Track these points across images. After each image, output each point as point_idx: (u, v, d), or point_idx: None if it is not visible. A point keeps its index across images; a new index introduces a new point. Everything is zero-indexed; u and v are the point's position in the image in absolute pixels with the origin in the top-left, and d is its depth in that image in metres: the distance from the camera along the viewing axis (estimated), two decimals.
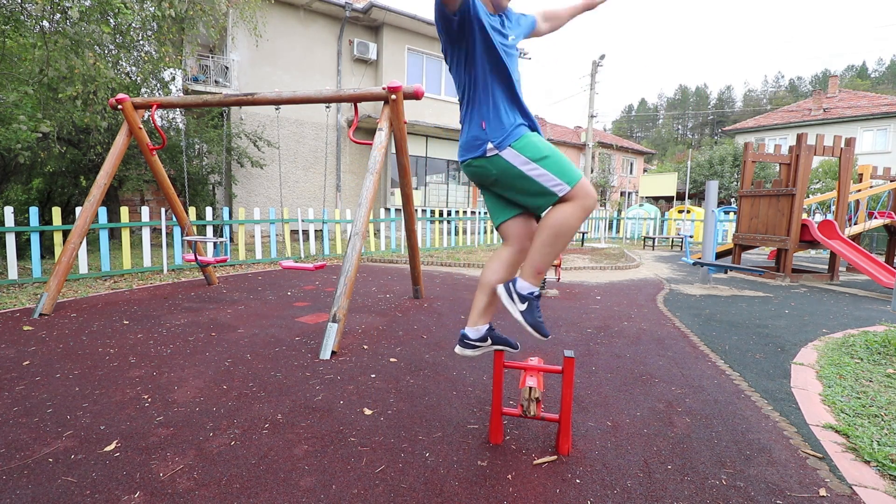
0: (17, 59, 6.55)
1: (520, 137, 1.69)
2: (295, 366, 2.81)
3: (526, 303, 1.72)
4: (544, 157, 1.66)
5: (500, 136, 1.68)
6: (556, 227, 1.67)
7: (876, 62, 75.45)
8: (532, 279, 1.72)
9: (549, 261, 1.70)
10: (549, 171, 1.65)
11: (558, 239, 1.67)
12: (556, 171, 1.65)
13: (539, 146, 1.69)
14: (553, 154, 1.68)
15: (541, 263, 1.71)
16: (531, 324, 1.72)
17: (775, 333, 3.85)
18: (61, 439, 1.89)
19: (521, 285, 1.73)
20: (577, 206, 1.66)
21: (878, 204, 9.19)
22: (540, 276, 1.73)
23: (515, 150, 1.67)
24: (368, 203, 3.52)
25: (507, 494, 1.59)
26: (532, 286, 1.73)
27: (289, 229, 7.58)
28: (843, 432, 2.06)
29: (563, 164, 1.68)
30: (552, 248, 1.68)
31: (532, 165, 1.66)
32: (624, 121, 79.35)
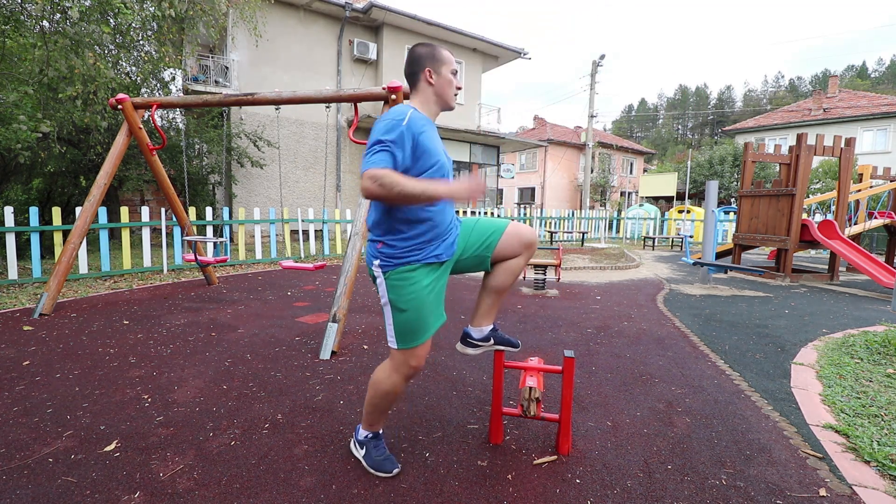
0: (17, 59, 6.55)
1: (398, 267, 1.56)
2: (295, 366, 2.81)
3: (363, 447, 1.76)
4: (400, 312, 1.58)
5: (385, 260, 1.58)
6: (374, 387, 1.68)
7: (876, 62, 75.41)
8: (368, 427, 1.77)
9: (378, 417, 1.73)
10: (393, 324, 1.60)
11: (376, 402, 1.69)
12: (399, 329, 1.60)
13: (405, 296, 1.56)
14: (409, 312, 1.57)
15: (371, 418, 1.74)
16: (371, 465, 1.72)
17: (775, 333, 3.85)
18: (61, 439, 1.89)
19: (360, 432, 1.79)
20: (391, 368, 1.65)
21: (878, 204, 9.19)
22: (374, 427, 1.76)
23: (387, 282, 1.58)
24: (368, 203, 3.51)
25: (507, 494, 1.59)
26: (370, 431, 1.77)
27: (289, 229, 7.58)
28: (843, 432, 2.06)
29: (409, 327, 1.58)
30: (379, 407, 1.70)
31: (388, 308, 1.61)
32: (624, 121, 79.35)
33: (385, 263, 1.58)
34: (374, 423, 1.75)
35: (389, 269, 1.58)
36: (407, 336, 1.60)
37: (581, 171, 26.37)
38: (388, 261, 1.58)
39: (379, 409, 1.72)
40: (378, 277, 1.61)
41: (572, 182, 26.88)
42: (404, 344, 1.61)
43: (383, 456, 1.74)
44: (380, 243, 1.60)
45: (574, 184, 26.82)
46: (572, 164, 26.86)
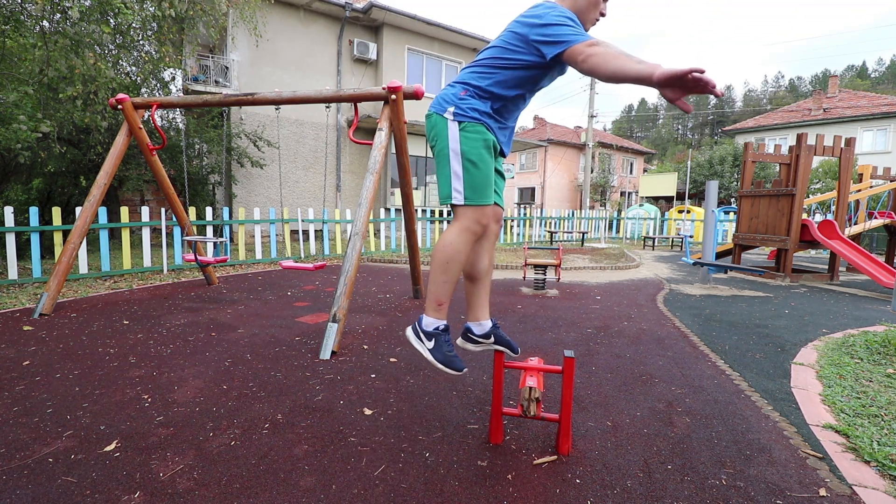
0: (17, 59, 6.55)
1: (475, 122, 1.60)
2: (295, 366, 2.81)
3: (433, 340, 1.64)
4: (472, 163, 1.57)
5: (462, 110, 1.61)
6: (441, 251, 1.59)
7: (876, 62, 75.38)
8: (434, 313, 1.64)
9: (444, 290, 1.61)
10: (462, 176, 1.56)
11: (448, 266, 1.58)
12: (468, 181, 1.57)
13: (479, 150, 1.59)
14: (481, 169, 1.58)
15: (437, 294, 1.62)
16: (441, 360, 1.63)
17: (775, 333, 3.85)
18: (61, 439, 1.89)
19: (426, 321, 1.66)
20: (459, 227, 1.58)
21: (878, 204, 9.19)
22: (440, 307, 1.63)
23: (461, 132, 1.58)
24: (368, 203, 3.51)
25: (507, 494, 1.59)
26: (436, 320, 1.64)
27: (289, 229, 7.58)
28: (843, 432, 2.06)
29: (480, 182, 1.58)
30: (445, 276, 1.59)
31: (458, 158, 1.58)
32: (624, 121, 79.34)
33: (461, 113, 1.58)
34: (442, 301, 1.62)
35: (465, 120, 1.57)
36: (478, 190, 1.56)
37: (581, 171, 26.38)
38: (467, 113, 1.57)
39: (449, 278, 1.58)
40: (449, 121, 1.57)
41: (572, 182, 26.88)
42: (476, 199, 1.56)
43: (453, 352, 1.62)
44: (466, 90, 1.61)
45: (574, 184, 26.82)
46: (572, 164, 26.86)
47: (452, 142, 1.58)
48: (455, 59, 14.34)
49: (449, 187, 1.60)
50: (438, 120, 1.65)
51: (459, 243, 1.57)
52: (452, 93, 1.66)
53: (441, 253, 1.59)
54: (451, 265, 1.58)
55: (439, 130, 1.63)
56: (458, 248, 1.57)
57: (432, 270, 1.61)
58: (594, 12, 1.66)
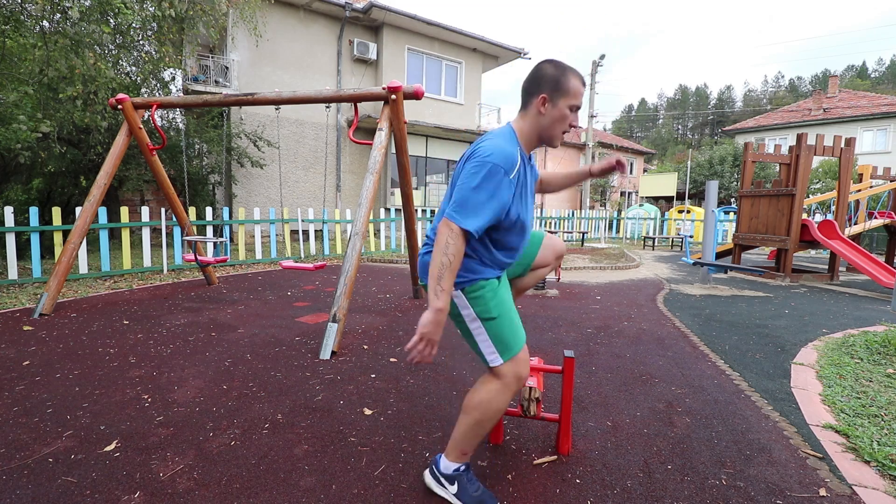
0: (17, 59, 6.55)
1: (474, 282, 1.49)
2: (295, 366, 2.81)
3: (455, 483, 1.53)
4: (490, 319, 1.48)
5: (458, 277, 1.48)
6: (481, 408, 1.49)
7: (876, 62, 75.40)
8: (455, 459, 1.55)
9: (474, 443, 1.53)
10: (488, 336, 1.48)
11: (483, 423, 1.49)
12: (495, 338, 1.47)
13: (489, 303, 1.48)
14: (501, 316, 1.49)
15: (463, 445, 1.53)
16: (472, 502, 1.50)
17: (775, 333, 3.85)
18: (61, 439, 1.89)
19: (444, 465, 1.56)
20: (502, 385, 1.48)
21: (878, 204, 9.19)
22: (465, 455, 1.55)
23: (466, 297, 1.49)
24: (368, 203, 3.52)
25: (507, 494, 1.59)
26: (456, 463, 1.55)
27: (289, 229, 7.58)
28: (843, 432, 2.06)
29: (506, 332, 1.48)
30: (476, 430, 1.51)
31: (476, 323, 1.49)
32: (624, 121, 79.34)
33: (460, 280, 1.47)
34: (467, 452, 1.54)
35: (465, 284, 1.48)
36: (508, 342, 1.48)
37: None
38: (465, 276, 1.47)
39: (479, 434, 1.51)
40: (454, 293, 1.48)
41: None
42: (508, 353, 1.47)
43: (481, 490, 1.52)
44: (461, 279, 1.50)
45: None
46: (572, 164, 26.87)
47: (463, 310, 1.51)
48: (455, 59, 14.34)
49: (482, 354, 1.52)
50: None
51: (502, 400, 1.49)
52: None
53: (476, 411, 1.49)
54: (486, 424, 1.50)
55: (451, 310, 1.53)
56: (496, 407, 1.49)
57: (463, 422, 1.52)
58: (562, 126, 1.50)
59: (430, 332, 1.36)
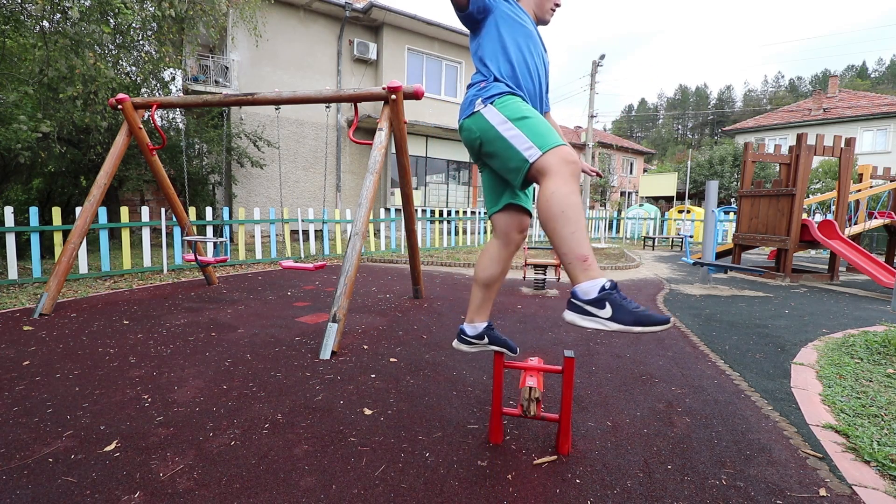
0: (17, 59, 6.55)
1: (503, 95, 1.62)
2: (295, 366, 2.81)
3: (606, 304, 1.28)
4: (523, 118, 1.53)
5: (488, 94, 1.64)
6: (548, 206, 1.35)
7: (876, 62, 75.41)
8: (585, 274, 1.32)
9: (581, 242, 1.33)
10: (522, 132, 1.50)
11: (566, 214, 1.33)
12: (530, 133, 1.48)
13: (520, 107, 1.58)
14: (534, 118, 1.54)
15: (575, 250, 1.32)
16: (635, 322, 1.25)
17: (775, 333, 3.85)
18: (61, 439, 1.89)
19: (583, 289, 1.32)
20: (557, 177, 1.37)
21: (878, 204, 9.19)
22: (587, 263, 1.32)
23: (496, 107, 1.60)
24: (368, 203, 3.52)
25: (507, 494, 1.59)
26: (594, 281, 1.31)
27: (289, 229, 7.58)
28: (843, 432, 2.06)
29: (541, 128, 1.50)
30: (570, 226, 1.33)
31: (508, 125, 1.54)
32: (624, 121, 79.34)
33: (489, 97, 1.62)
34: (586, 255, 1.32)
35: (495, 97, 1.61)
36: (545, 134, 1.47)
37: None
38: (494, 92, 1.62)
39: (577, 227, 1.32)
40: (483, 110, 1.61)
41: None
42: (549, 142, 1.43)
43: (638, 306, 1.27)
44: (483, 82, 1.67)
45: None
46: None
47: (494, 119, 1.58)
48: (455, 59, 14.34)
49: (519, 154, 1.46)
50: (474, 119, 1.65)
51: (563, 188, 1.35)
52: (472, 92, 1.70)
53: (549, 208, 1.35)
54: (569, 212, 1.32)
55: (480, 125, 1.62)
56: (565, 191, 1.34)
57: (552, 231, 1.35)
58: (548, 3, 1.81)
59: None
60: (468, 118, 1.68)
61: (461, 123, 1.73)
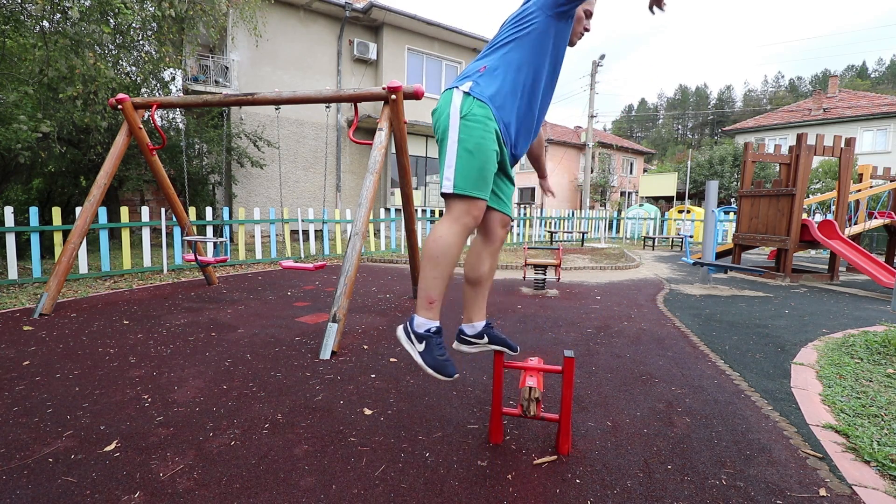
0: (17, 59, 6.55)
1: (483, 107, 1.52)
2: (295, 366, 2.81)
3: (423, 342, 1.50)
4: (469, 153, 1.49)
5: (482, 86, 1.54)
6: (431, 246, 1.49)
7: (876, 62, 75.39)
8: (425, 312, 1.52)
9: (436, 287, 1.51)
10: (456, 161, 1.48)
11: (439, 261, 1.48)
12: (461, 168, 1.47)
13: (479, 141, 1.50)
14: (478, 161, 1.49)
15: (428, 291, 1.51)
16: (431, 365, 1.48)
17: (775, 333, 3.85)
18: (61, 439, 1.89)
19: (417, 322, 1.53)
20: (449, 219, 1.49)
21: (878, 204, 9.19)
22: (432, 306, 1.52)
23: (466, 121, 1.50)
24: (368, 203, 3.52)
25: (507, 494, 1.59)
26: (427, 321, 1.52)
27: (289, 229, 7.58)
28: (843, 432, 2.06)
29: (474, 173, 1.48)
30: (435, 272, 1.49)
31: (454, 143, 1.49)
32: (624, 121, 79.33)
33: (477, 88, 1.53)
34: (433, 299, 1.50)
35: (477, 95, 1.52)
36: (470, 180, 1.47)
37: (581, 171, 26.37)
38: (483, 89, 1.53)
39: (440, 275, 1.48)
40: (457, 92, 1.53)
41: (572, 182, 26.87)
42: (466, 188, 1.47)
43: (445, 356, 1.49)
44: (484, 67, 1.58)
45: (574, 184, 26.82)
46: (572, 164, 26.86)
47: (453, 122, 1.51)
48: (455, 59, 14.34)
49: (442, 171, 1.53)
50: (446, 97, 1.59)
51: (450, 236, 1.48)
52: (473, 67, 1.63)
53: (431, 248, 1.50)
54: (442, 260, 1.49)
55: (444, 108, 1.57)
56: (448, 241, 1.48)
57: (422, 266, 1.54)
58: (578, 27, 1.72)
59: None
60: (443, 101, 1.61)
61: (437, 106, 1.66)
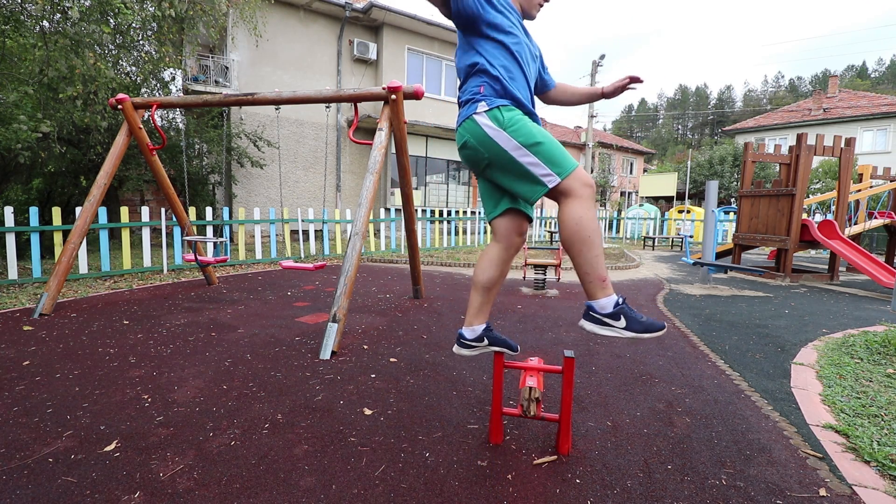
0: (17, 59, 6.55)
1: (509, 110, 1.61)
2: (295, 366, 2.81)
3: (621, 317, 1.53)
4: (537, 144, 1.56)
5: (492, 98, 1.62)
6: (575, 231, 1.51)
7: (876, 62, 75.39)
8: (603, 292, 1.55)
9: (600, 263, 1.54)
10: (539, 159, 1.55)
11: (591, 239, 1.52)
12: (546, 159, 1.55)
13: (531, 130, 1.59)
14: (546, 142, 1.57)
15: (598, 272, 1.54)
16: (642, 330, 1.51)
17: (775, 333, 3.85)
18: (61, 439, 1.89)
19: (601, 304, 1.55)
20: (581, 202, 1.53)
21: (878, 204, 9.19)
22: (605, 283, 1.55)
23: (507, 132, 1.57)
24: (368, 203, 3.51)
25: (507, 494, 1.59)
26: (610, 298, 1.55)
27: (289, 229, 7.58)
28: (843, 432, 2.06)
29: (555, 152, 1.56)
30: (594, 250, 1.53)
31: (523, 151, 1.55)
32: (624, 121, 79.32)
33: (491, 101, 1.59)
34: (604, 276, 1.54)
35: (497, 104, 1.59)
36: (560, 159, 1.53)
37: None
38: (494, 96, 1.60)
39: (599, 251, 1.52)
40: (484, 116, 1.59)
41: None
42: (565, 167, 1.52)
43: (643, 316, 1.53)
44: (481, 87, 1.64)
45: None
46: None
47: (508, 145, 1.57)
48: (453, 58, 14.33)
49: (538, 180, 1.55)
50: (473, 128, 1.64)
51: (587, 211, 1.51)
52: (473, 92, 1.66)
53: (578, 231, 1.51)
54: (595, 237, 1.52)
55: (490, 147, 1.61)
56: (589, 215, 1.51)
57: (578, 254, 1.54)
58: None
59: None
60: (467, 123, 1.66)
61: (459, 129, 1.71)
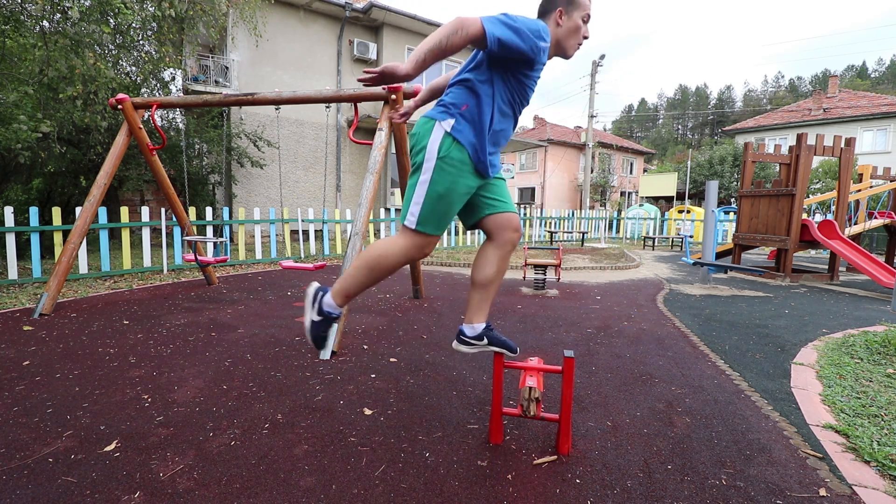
0: (17, 59, 6.55)
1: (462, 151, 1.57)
2: (295, 366, 2.81)
3: (321, 317, 1.68)
4: (439, 197, 1.56)
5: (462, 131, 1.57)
6: (374, 254, 1.59)
7: (876, 62, 75.39)
8: (338, 298, 1.66)
9: (360, 288, 1.64)
10: (424, 201, 1.57)
11: (373, 271, 1.61)
12: (426, 209, 1.57)
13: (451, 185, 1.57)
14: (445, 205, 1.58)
15: (350, 287, 1.64)
16: (312, 337, 1.69)
17: (775, 333, 3.85)
18: (61, 439, 1.89)
19: (327, 300, 1.69)
20: (404, 245, 1.60)
21: (878, 204, 9.19)
22: (347, 299, 1.65)
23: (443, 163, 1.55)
24: (368, 203, 3.52)
25: (507, 494, 1.59)
26: (335, 307, 1.67)
27: (289, 229, 7.58)
28: (843, 432, 2.06)
29: (436, 216, 1.58)
30: (367, 277, 1.62)
31: (425, 183, 1.57)
32: (624, 121, 79.33)
33: (459, 131, 1.56)
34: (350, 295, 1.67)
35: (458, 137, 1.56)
36: (433, 221, 1.58)
37: (581, 171, 26.38)
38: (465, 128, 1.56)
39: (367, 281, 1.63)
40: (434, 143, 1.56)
41: (572, 182, 26.88)
42: (428, 228, 1.59)
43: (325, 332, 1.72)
44: (465, 106, 1.59)
45: (574, 184, 26.82)
46: (572, 164, 26.86)
47: (429, 159, 1.56)
48: (455, 59, 14.32)
49: (407, 210, 1.62)
50: (428, 129, 1.61)
51: (396, 258, 1.60)
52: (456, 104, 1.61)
53: (373, 259, 1.61)
54: (377, 273, 1.62)
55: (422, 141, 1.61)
56: (392, 261, 1.60)
57: (357, 266, 1.64)
58: (577, 38, 1.69)
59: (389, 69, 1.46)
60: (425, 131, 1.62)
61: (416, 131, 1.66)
